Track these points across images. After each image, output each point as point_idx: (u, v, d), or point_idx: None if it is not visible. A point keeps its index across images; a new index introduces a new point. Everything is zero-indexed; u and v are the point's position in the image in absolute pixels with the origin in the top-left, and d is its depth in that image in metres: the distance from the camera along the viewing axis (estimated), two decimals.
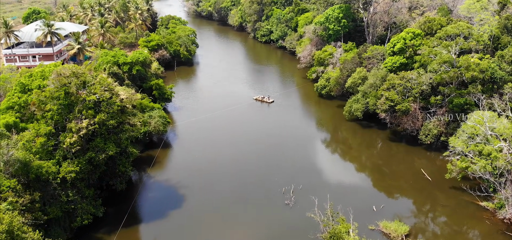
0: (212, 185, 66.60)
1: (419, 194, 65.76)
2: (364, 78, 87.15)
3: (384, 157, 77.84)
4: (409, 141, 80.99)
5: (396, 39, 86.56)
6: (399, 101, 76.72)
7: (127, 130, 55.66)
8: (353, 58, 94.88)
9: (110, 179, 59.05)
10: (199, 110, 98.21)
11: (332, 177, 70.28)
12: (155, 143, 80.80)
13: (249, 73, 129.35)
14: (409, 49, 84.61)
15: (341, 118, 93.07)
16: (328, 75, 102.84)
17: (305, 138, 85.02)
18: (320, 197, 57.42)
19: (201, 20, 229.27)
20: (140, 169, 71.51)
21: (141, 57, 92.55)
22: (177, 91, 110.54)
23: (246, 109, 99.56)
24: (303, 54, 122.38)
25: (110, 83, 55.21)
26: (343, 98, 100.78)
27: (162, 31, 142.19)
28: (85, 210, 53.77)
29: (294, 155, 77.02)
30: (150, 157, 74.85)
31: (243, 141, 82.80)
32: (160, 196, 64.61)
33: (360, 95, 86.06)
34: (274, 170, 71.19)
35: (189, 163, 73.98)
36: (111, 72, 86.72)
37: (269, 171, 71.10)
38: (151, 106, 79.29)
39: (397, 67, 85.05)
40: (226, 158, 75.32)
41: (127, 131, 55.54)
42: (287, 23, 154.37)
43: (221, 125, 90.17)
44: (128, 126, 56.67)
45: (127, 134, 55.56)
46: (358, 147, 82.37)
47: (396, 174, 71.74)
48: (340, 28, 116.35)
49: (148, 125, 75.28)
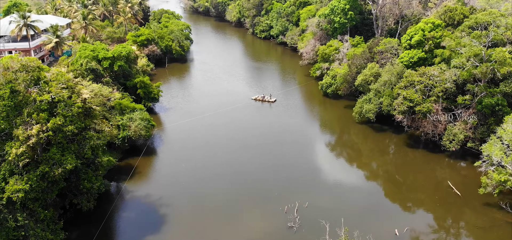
0: (201, 202, 55.84)
1: (446, 212, 55.20)
2: (377, 74, 76.49)
3: (401, 165, 67.20)
4: (429, 147, 70.43)
5: (413, 31, 75.90)
6: (419, 101, 66.10)
7: (91, 137, 44.81)
8: (363, 52, 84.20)
9: (74, 196, 48.39)
10: (191, 111, 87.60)
11: (343, 191, 59.53)
12: (139, 148, 70.08)
13: (247, 71, 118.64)
14: (428, 42, 73.95)
15: (349, 120, 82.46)
16: (334, 72, 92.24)
17: (310, 145, 74.39)
18: (330, 218, 46.93)
19: (198, 16, 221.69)
20: (117, 181, 60.79)
21: (124, 52, 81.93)
22: (168, 90, 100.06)
23: (243, 110, 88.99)
24: (306, 50, 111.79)
25: (69, 79, 44.46)
26: (351, 97, 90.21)
27: (153, 25, 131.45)
28: (39, 237, 43.16)
29: (298, 164, 66.32)
30: (130, 167, 64.22)
31: (239, 148, 72.13)
32: (137, 216, 53.65)
33: (372, 94, 75.41)
34: (274, 184, 60.49)
35: (175, 174, 63.29)
36: (89, 68, 76.15)
37: (268, 184, 60.38)
38: (132, 107, 68.59)
39: (414, 62, 74.46)
40: (219, 169, 64.61)
41: (91, 138, 44.69)
42: (288, 17, 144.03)
43: (215, 128, 79.54)
44: (93, 132, 45.81)
45: (92, 143, 44.75)
46: (370, 154, 71.72)
47: (416, 186, 61.14)
48: (347, 21, 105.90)
49: (127, 129, 64.66)
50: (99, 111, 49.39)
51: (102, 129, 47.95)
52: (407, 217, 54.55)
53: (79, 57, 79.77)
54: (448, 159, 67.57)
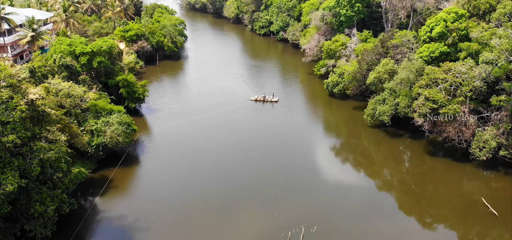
0: (185, 227, 46.30)
1: (481, 237, 45.76)
2: (392, 71, 66.93)
3: (419, 176, 57.62)
4: (454, 155, 60.96)
5: (434, 21, 66.33)
6: (444, 102, 56.55)
7: (41, 149, 35.28)
8: (375, 47, 74.64)
9: (27, 221, 38.85)
10: (183, 113, 78.07)
11: (357, 212, 49.75)
12: (119, 157, 60.48)
13: (245, 69, 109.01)
14: (452, 34, 64.46)
15: (359, 123, 73.02)
16: (341, 69, 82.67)
17: (315, 152, 64.85)
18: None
19: (195, 13, 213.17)
20: (86, 199, 51.18)
21: (105, 46, 72.37)
22: (157, 90, 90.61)
23: (241, 111, 79.50)
24: (309, 45, 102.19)
25: (12, 75, 34.94)
26: (360, 98, 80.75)
27: (144, 20, 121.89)
28: None
29: (302, 177, 56.63)
30: (105, 179, 54.66)
31: (235, 157, 62.55)
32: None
33: (387, 94, 65.88)
34: (275, 202, 50.97)
35: (157, 188, 53.70)
36: (62, 64, 66.65)
37: (269, 202, 50.87)
38: (109, 109, 58.99)
39: (436, 57, 64.97)
40: (210, 182, 54.96)
41: (40, 150, 35.18)
42: (289, 11, 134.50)
43: (209, 132, 70.02)
44: (43, 143, 36.28)
45: (42, 156, 35.24)
46: (384, 162, 62.13)
47: (438, 200, 51.63)
48: (354, 14, 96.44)
49: (102, 136, 55.13)
50: (57, 116, 39.85)
51: (56, 138, 38.25)
52: (427, 235, 45.25)
53: (54, 52, 70.34)
54: (476, 169, 58.09)
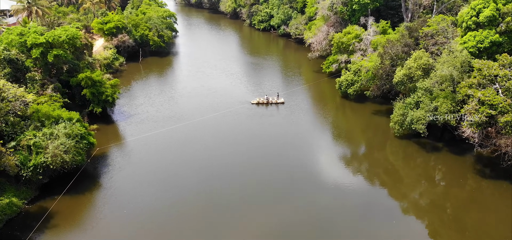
0: None
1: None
2: (428, 67, 52.26)
3: (463, 201, 43.04)
4: (510, 176, 46.56)
5: (482, 3, 51.67)
6: (505, 107, 41.97)
7: None
8: (402, 36, 60.02)
9: None
10: (166, 119, 63.49)
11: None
12: (70, 179, 45.51)
13: (243, 67, 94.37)
14: (505, 18, 49.88)
15: (380, 131, 58.68)
16: (357, 66, 68.16)
17: (327, 172, 50.24)
18: None
19: (190, 9, 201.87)
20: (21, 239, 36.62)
21: (64, 36, 57.80)
22: (137, 91, 76.16)
23: (238, 116, 64.99)
24: (317, 39, 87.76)
25: None
26: (381, 100, 66.51)
27: (127, 12, 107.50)
28: None
29: (316, 200, 42.16)
30: (44, 212, 39.85)
31: (229, 179, 48.04)
32: None
33: (421, 96, 51.20)
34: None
35: (116, 225, 39.15)
36: (6, 58, 52.12)
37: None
38: (55, 117, 44.33)
39: (484, 49, 50.40)
40: (192, 214, 40.53)
41: None
42: (292, 3, 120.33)
43: (195, 142, 55.52)
44: None
45: None
46: (416, 182, 47.32)
47: (485, 232, 37.33)
48: (369, 1, 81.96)
49: (41, 153, 40.49)
50: None
51: None
52: None
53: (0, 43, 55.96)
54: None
